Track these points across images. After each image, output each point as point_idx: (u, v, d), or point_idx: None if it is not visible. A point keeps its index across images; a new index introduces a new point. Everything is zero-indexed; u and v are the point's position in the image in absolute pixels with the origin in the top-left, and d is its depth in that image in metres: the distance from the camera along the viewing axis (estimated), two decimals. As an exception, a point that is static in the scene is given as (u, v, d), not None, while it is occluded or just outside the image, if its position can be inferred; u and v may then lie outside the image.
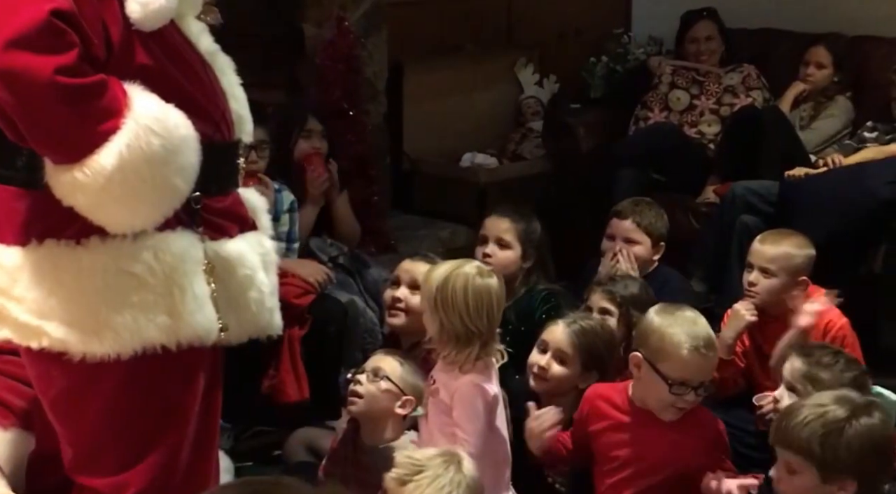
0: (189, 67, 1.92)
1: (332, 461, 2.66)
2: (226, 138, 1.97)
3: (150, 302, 1.85)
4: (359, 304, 3.43)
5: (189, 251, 1.89)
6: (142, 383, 1.91)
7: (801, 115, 4.40)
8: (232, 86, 2.02)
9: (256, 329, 2.03)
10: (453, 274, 2.29)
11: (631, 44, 5.07)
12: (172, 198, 1.84)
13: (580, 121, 4.67)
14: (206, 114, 1.91)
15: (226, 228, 1.97)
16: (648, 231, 3.32)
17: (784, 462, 2.07)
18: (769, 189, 3.89)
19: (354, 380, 2.58)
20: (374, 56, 4.22)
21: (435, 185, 4.67)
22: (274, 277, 2.07)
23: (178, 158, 1.81)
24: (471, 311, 2.26)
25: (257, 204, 2.10)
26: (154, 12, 1.83)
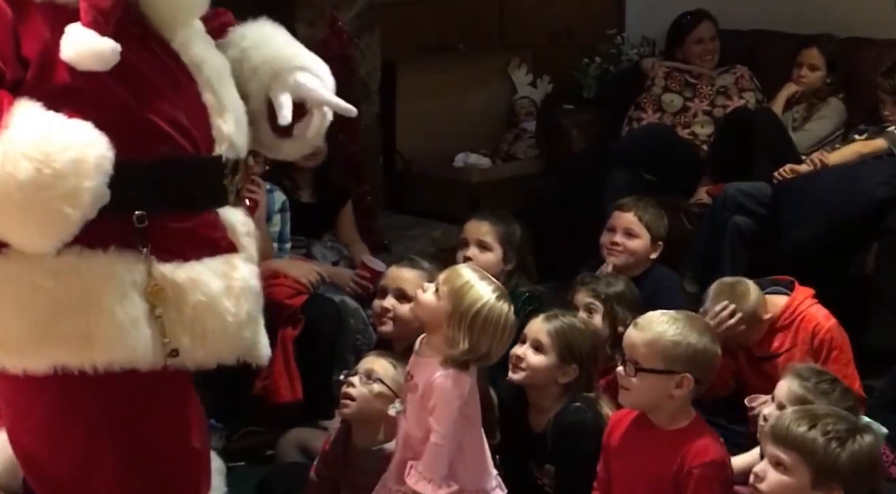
0: (142, 78, 1.84)
1: (323, 462, 2.66)
2: (192, 154, 1.88)
3: (63, 323, 1.79)
4: (350, 305, 3.43)
5: (117, 272, 1.81)
6: (75, 403, 1.86)
7: (793, 117, 4.41)
8: (224, 98, 1.94)
9: (224, 357, 1.94)
10: (498, 303, 2.32)
11: (624, 44, 5.08)
12: (60, 224, 1.75)
13: (573, 121, 4.68)
14: (156, 130, 1.83)
15: (181, 251, 1.88)
16: (649, 226, 3.34)
17: (774, 459, 2.07)
18: (761, 190, 3.89)
19: (347, 382, 2.58)
20: (367, 56, 4.22)
21: (428, 185, 4.68)
22: (251, 305, 1.96)
23: (63, 183, 1.72)
24: (497, 342, 2.33)
25: (239, 226, 1.98)
26: (87, 57, 1.76)
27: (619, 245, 3.33)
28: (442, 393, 2.28)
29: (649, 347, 2.30)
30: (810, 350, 2.98)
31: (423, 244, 4.23)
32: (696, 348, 2.31)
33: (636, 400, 2.35)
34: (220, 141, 1.93)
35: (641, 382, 2.30)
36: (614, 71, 4.99)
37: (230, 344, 1.93)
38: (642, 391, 2.32)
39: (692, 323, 2.36)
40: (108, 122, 1.78)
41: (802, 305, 3.03)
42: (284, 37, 2.16)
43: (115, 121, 1.79)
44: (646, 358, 2.29)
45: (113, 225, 1.82)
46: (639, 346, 2.31)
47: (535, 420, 2.70)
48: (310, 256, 3.60)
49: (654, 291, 3.22)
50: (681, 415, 2.34)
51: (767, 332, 3.04)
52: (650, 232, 3.34)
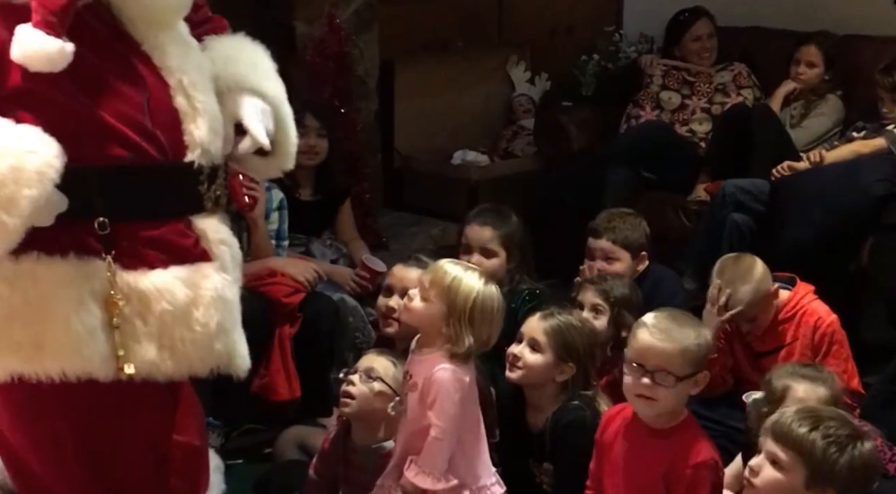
0: (104, 83, 1.81)
1: (322, 460, 2.66)
2: (159, 161, 1.85)
3: (15, 330, 1.77)
4: (349, 303, 3.43)
5: (75, 280, 1.78)
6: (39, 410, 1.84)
7: (791, 114, 4.41)
8: (198, 103, 1.90)
9: (196, 368, 1.91)
10: (487, 289, 2.34)
11: (622, 42, 5.08)
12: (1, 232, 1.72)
13: (572, 119, 4.68)
14: (118, 136, 1.80)
15: (147, 258, 1.85)
16: (626, 245, 3.26)
17: (771, 456, 2.07)
18: (760, 187, 3.89)
19: (347, 381, 2.58)
20: (366, 54, 4.22)
21: (426, 183, 4.68)
22: (222, 316, 1.91)
23: (1, 190, 1.70)
24: (494, 328, 2.36)
25: (213, 234, 1.94)
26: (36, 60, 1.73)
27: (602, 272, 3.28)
28: (442, 387, 2.28)
29: (682, 356, 2.28)
30: (811, 344, 2.99)
31: (422, 241, 4.23)
32: (707, 345, 2.36)
33: (665, 409, 2.31)
34: (192, 147, 1.90)
35: (677, 392, 2.29)
36: (612, 68, 4.99)
37: (202, 356, 1.90)
38: (675, 399, 2.30)
39: (693, 321, 2.38)
40: (64, 127, 1.76)
41: (804, 300, 3.04)
42: (251, 55, 2.10)
43: (71, 126, 1.76)
44: (680, 367, 2.28)
45: (73, 231, 1.80)
46: (671, 357, 2.27)
47: (533, 419, 2.70)
48: (309, 254, 3.60)
49: (652, 290, 3.21)
50: (676, 413, 2.34)
51: (769, 326, 3.04)
52: (629, 250, 3.26)
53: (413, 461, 2.31)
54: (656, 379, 2.27)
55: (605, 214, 3.39)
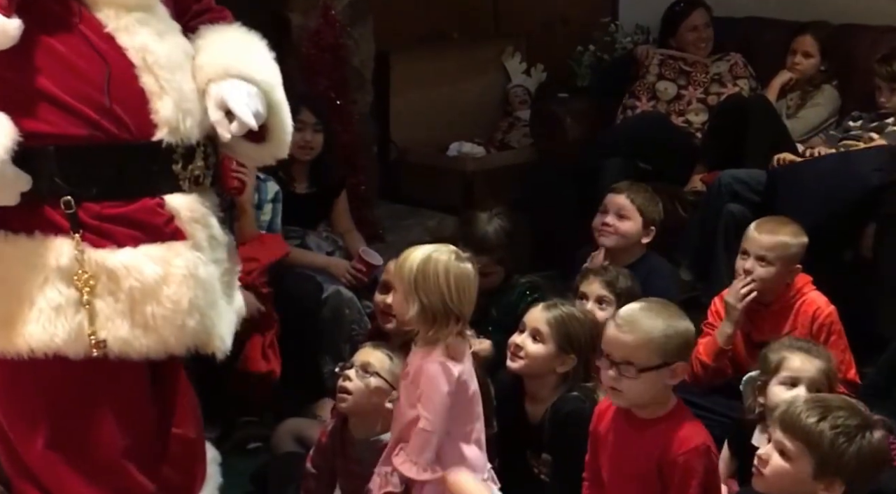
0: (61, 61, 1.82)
1: (319, 453, 2.66)
2: (123, 139, 1.86)
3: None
4: (345, 295, 3.42)
5: (41, 257, 1.80)
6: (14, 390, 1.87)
7: (787, 104, 4.40)
8: (167, 83, 1.90)
9: (172, 346, 1.91)
10: (433, 256, 2.29)
11: (618, 32, 5.07)
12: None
13: (567, 110, 4.67)
14: (79, 114, 1.81)
15: (116, 236, 1.86)
16: (641, 210, 3.33)
17: (779, 446, 2.07)
18: (756, 177, 3.89)
19: (343, 376, 2.57)
20: (361, 45, 4.21)
21: (422, 174, 4.67)
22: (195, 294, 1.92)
23: None
24: (452, 292, 2.28)
25: (187, 213, 1.95)
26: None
27: (610, 226, 3.33)
28: (429, 379, 2.28)
29: (645, 348, 2.28)
30: (809, 334, 2.99)
31: (418, 233, 4.22)
32: (684, 335, 2.32)
33: (634, 400, 2.32)
34: (160, 125, 1.90)
35: (645, 382, 2.28)
36: (608, 59, 4.98)
37: (175, 333, 1.90)
38: (642, 390, 2.29)
39: (667, 310, 2.35)
40: (19, 104, 1.77)
41: (803, 290, 3.05)
42: (242, 43, 2.09)
43: (26, 104, 1.77)
44: (644, 358, 2.27)
45: (38, 210, 1.81)
46: (634, 349, 2.28)
47: (532, 410, 2.70)
48: (305, 247, 3.59)
49: (647, 279, 3.21)
50: (663, 402, 2.33)
51: (768, 316, 3.05)
52: (642, 215, 3.33)
53: (402, 448, 2.32)
54: (620, 371, 2.28)
55: (630, 180, 3.51)
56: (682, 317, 2.35)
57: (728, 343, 3.04)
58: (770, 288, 3.03)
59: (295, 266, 3.43)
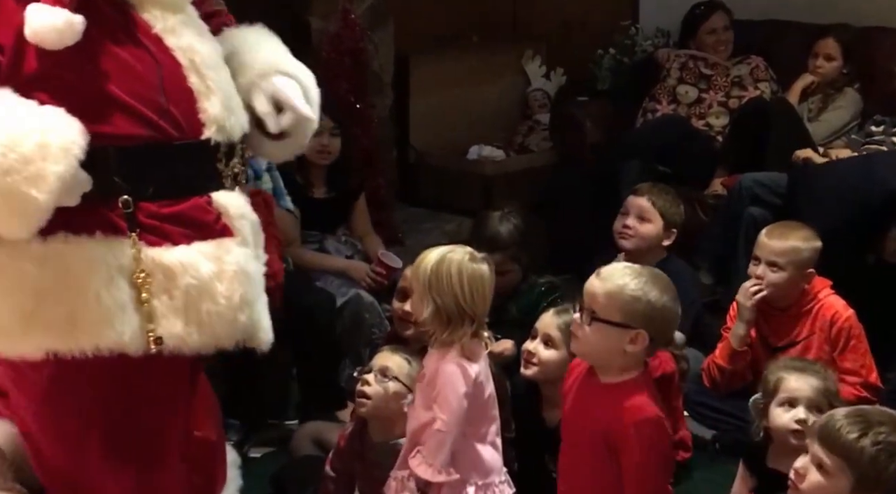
0: (119, 62, 1.85)
1: (338, 456, 2.67)
2: (177, 139, 1.89)
3: (49, 308, 1.81)
4: (366, 299, 3.43)
5: (103, 257, 1.83)
6: (65, 389, 1.88)
7: (809, 107, 4.38)
8: (211, 82, 1.93)
9: (223, 341, 1.95)
10: (447, 257, 2.30)
11: (638, 36, 5.05)
12: (30, 208, 1.77)
13: (587, 113, 4.67)
14: (137, 115, 1.84)
15: (171, 235, 1.89)
16: (662, 212, 3.33)
17: (817, 460, 2.03)
18: (777, 181, 3.87)
19: (362, 380, 2.57)
20: (381, 49, 4.21)
21: (441, 178, 4.67)
22: (245, 289, 1.95)
23: (28, 167, 1.74)
24: (465, 293, 2.28)
25: (235, 210, 1.98)
26: (50, 42, 1.78)
27: (630, 229, 3.33)
28: (447, 380, 2.28)
29: (609, 298, 2.25)
30: (828, 338, 2.98)
31: (437, 237, 4.22)
32: (654, 305, 2.27)
33: (587, 350, 2.31)
34: (208, 124, 1.93)
35: (595, 333, 2.25)
36: (628, 62, 4.97)
37: (226, 329, 1.93)
38: (593, 342, 2.27)
39: (655, 280, 2.31)
40: (83, 107, 1.79)
41: (821, 294, 3.03)
42: (273, 43, 2.15)
43: (89, 106, 1.80)
44: (603, 309, 2.25)
45: (98, 210, 1.84)
46: (599, 296, 2.26)
47: (549, 415, 2.70)
48: (323, 250, 3.60)
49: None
50: (626, 369, 2.30)
51: (785, 320, 3.04)
52: (663, 218, 3.33)
53: (419, 451, 2.32)
54: (583, 316, 2.28)
55: (651, 182, 3.50)
56: (664, 291, 2.30)
57: (741, 344, 3.03)
58: (784, 293, 3.02)
59: (313, 271, 3.44)
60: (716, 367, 3.13)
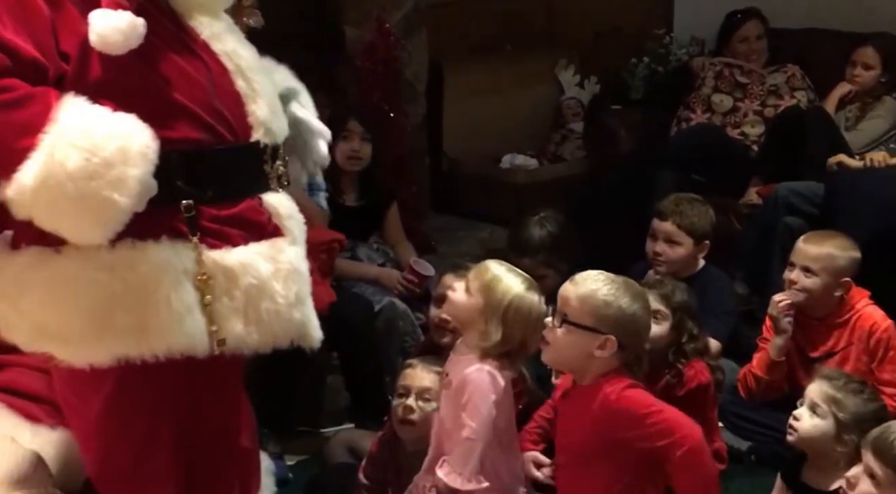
0: (176, 68, 1.88)
1: (371, 463, 2.67)
2: (231, 142, 1.92)
3: (120, 314, 1.82)
4: (399, 306, 3.42)
5: (170, 262, 1.84)
6: (135, 393, 1.89)
7: (846, 116, 4.34)
8: (256, 85, 1.97)
9: (279, 340, 1.97)
10: (528, 294, 2.36)
11: (673, 44, 5.04)
12: (111, 212, 1.78)
13: (621, 122, 4.65)
14: (194, 119, 1.87)
15: (230, 237, 1.91)
16: (690, 231, 3.29)
17: (869, 470, 2.04)
18: (813, 190, 3.84)
19: (405, 407, 2.57)
20: (414, 57, 4.22)
21: (474, 186, 4.67)
22: (299, 287, 1.99)
23: (111, 171, 1.75)
24: (536, 331, 2.35)
25: (283, 210, 2.02)
26: (113, 45, 1.80)
27: (661, 255, 3.30)
28: (476, 388, 2.29)
29: (581, 302, 2.28)
30: (866, 349, 2.95)
31: (470, 245, 4.22)
32: (625, 312, 2.28)
33: (557, 356, 2.34)
34: (256, 127, 1.96)
35: (566, 336, 2.28)
36: (663, 71, 4.95)
37: (283, 327, 1.96)
38: (563, 347, 2.30)
39: (627, 287, 2.33)
40: (149, 113, 1.81)
41: (859, 305, 3.00)
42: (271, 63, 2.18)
43: (155, 112, 1.82)
44: (575, 312, 2.28)
45: (162, 215, 1.85)
46: (571, 299, 2.29)
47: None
48: (355, 258, 3.60)
49: (703, 291, 3.18)
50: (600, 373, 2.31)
51: (823, 331, 3.01)
52: (692, 235, 3.29)
53: (446, 460, 2.31)
54: (554, 320, 2.30)
55: (673, 197, 3.42)
56: (636, 299, 2.31)
57: (779, 354, 3.00)
58: (818, 300, 3.00)
59: (346, 278, 3.44)
60: (752, 377, 3.10)
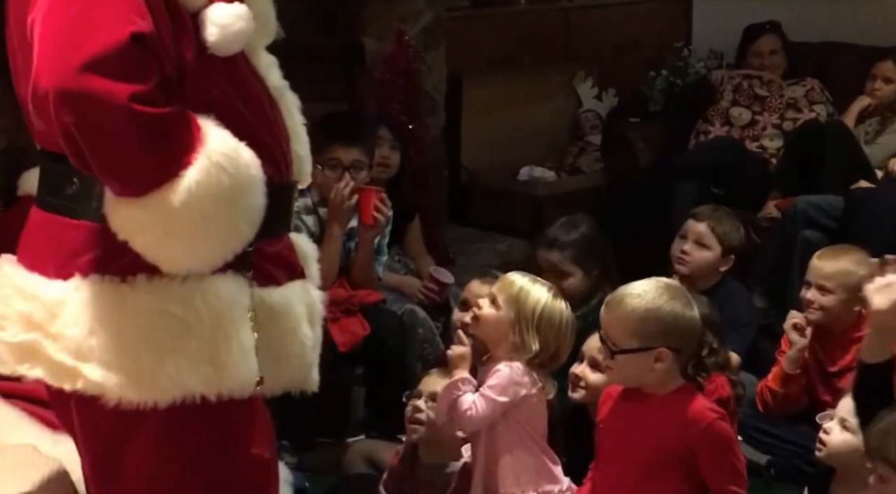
0: (255, 102, 1.82)
1: (392, 476, 2.67)
2: (284, 179, 1.86)
3: (193, 349, 1.73)
4: (419, 314, 3.43)
5: (237, 297, 1.77)
6: (177, 432, 1.80)
7: (866, 130, 4.33)
8: (296, 125, 1.91)
9: (291, 383, 1.90)
10: (556, 302, 2.39)
11: (691, 57, 5.04)
12: (235, 242, 1.71)
13: (639, 134, 4.66)
14: (268, 153, 1.80)
15: (274, 275, 1.85)
16: (721, 239, 3.29)
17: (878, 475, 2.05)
18: (832, 204, 3.83)
19: (414, 407, 2.58)
20: (434, 69, 4.23)
21: (492, 198, 4.68)
22: (318, 331, 1.94)
23: (245, 200, 1.70)
24: (567, 338, 2.40)
25: (308, 251, 1.97)
26: (233, 35, 1.73)
27: (687, 254, 3.30)
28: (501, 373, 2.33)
29: (621, 327, 2.26)
30: (885, 365, 2.93)
31: (488, 257, 4.23)
32: (666, 320, 2.26)
33: (620, 379, 2.35)
34: (297, 165, 1.91)
35: (621, 364, 2.28)
36: (681, 84, 4.95)
37: (304, 369, 1.90)
38: (623, 370, 2.30)
39: (660, 292, 2.29)
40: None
41: (879, 319, 2.98)
42: None
43: (244, 141, 1.74)
44: (620, 340, 2.26)
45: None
46: (611, 327, 2.28)
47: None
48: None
49: (723, 305, 3.18)
50: (673, 381, 2.31)
51: (841, 345, 2.99)
52: (722, 244, 3.29)
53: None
54: (604, 352, 2.31)
55: (712, 206, 3.46)
56: (674, 300, 2.27)
57: (793, 368, 2.99)
58: (836, 317, 2.98)
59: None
60: (769, 391, 3.09)
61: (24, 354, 1.77)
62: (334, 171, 3.27)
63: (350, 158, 3.28)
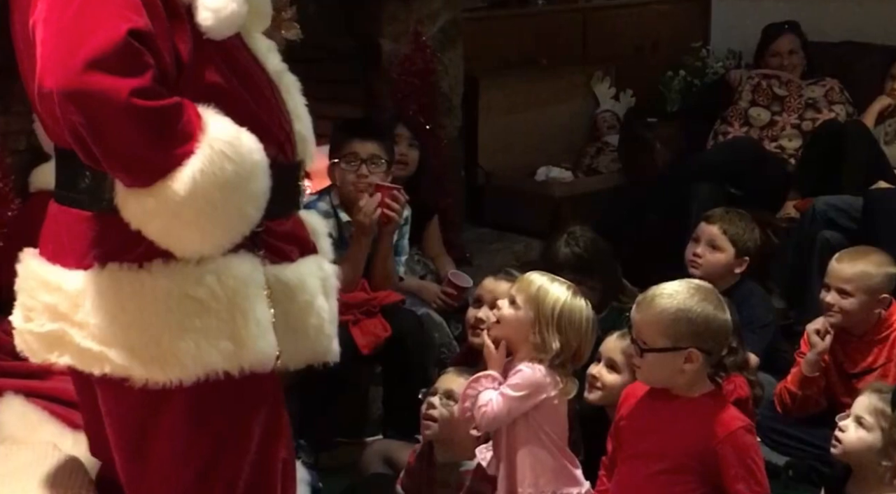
0: (256, 86, 1.88)
1: (409, 476, 2.68)
2: (288, 160, 1.92)
3: (213, 328, 1.79)
4: (435, 318, 3.43)
5: (252, 275, 1.83)
6: (203, 410, 1.86)
7: (885, 130, 4.31)
8: (297, 106, 1.97)
9: (313, 355, 1.96)
10: (575, 300, 2.36)
11: (710, 57, 5.03)
12: (243, 225, 1.78)
13: (657, 135, 4.65)
14: (271, 136, 1.86)
15: (286, 252, 1.91)
16: (734, 240, 3.27)
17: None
18: (852, 204, 3.81)
19: (428, 404, 2.59)
20: (450, 70, 4.24)
21: (509, 199, 4.67)
22: (334, 303, 1.99)
23: (249, 185, 1.76)
24: (588, 336, 2.37)
25: (318, 227, 2.03)
26: (227, 18, 1.79)
27: (700, 257, 3.29)
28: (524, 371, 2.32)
29: (651, 327, 2.27)
30: (905, 365, 2.92)
31: (505, 258, 4.22)
32: (697, 321, 2.25)
33: (649, 378, 2.34)
34: (300, 145, 1.96)
35: (650, 362, 2.28)
36: (699, 84, 4.94)
37: (324, 342, 1.95)
38: (653, 369, 2.30)
39: (690, 292, 2.29)
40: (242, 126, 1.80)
41: (897, 320, 2.97)
42: None
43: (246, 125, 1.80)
44: (650, 338, 2.26)
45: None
46: (641, 326, 2.28)
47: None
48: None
49: (741, 306, 3.16)
50: (702, 384, 2.30)
51: (861, 347, 2.98)
52: (735, 246, 3.28)
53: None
54: (635, 349, 2.31)
55: (724, 208, 3.43)
56: (705, 302, 2.27)
57: (812, 370, 2.98)
58: (857, 319, 2.97)
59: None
60: (787, 392, 3.08)
61: (52, 343, 1.84)
62: (350, 165, 3.27)
63: (367, 152, 3.28)
